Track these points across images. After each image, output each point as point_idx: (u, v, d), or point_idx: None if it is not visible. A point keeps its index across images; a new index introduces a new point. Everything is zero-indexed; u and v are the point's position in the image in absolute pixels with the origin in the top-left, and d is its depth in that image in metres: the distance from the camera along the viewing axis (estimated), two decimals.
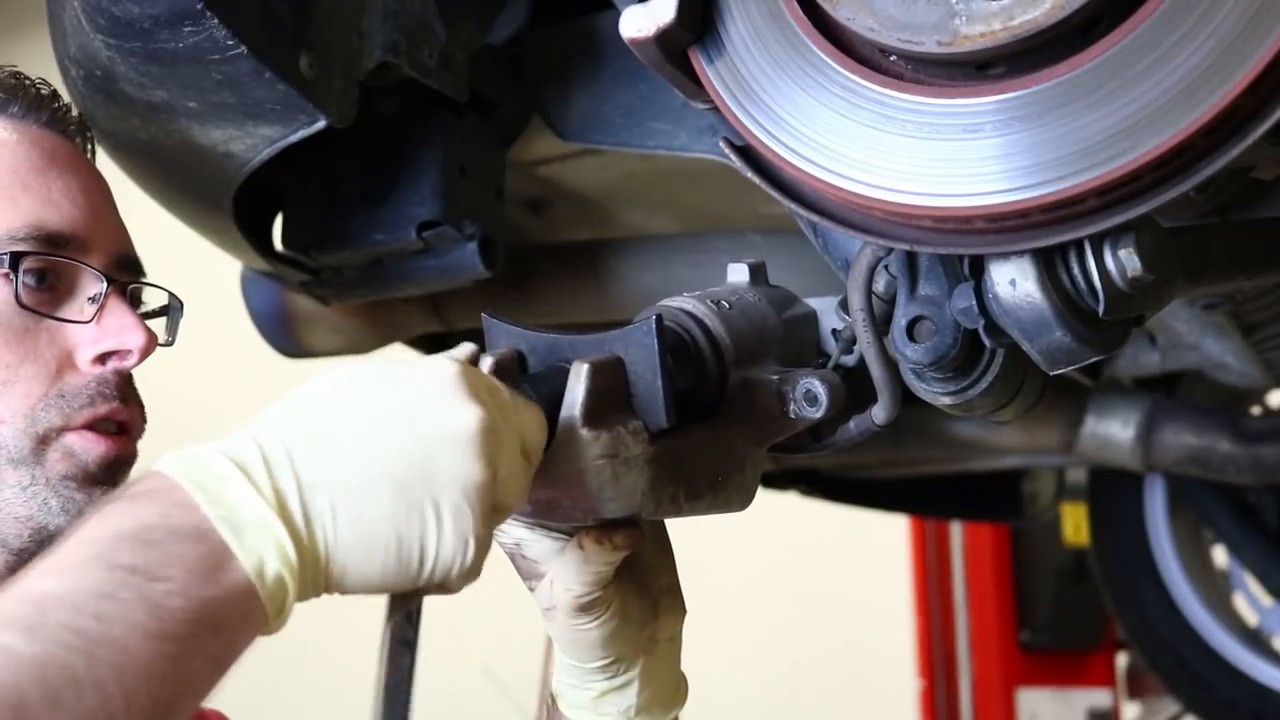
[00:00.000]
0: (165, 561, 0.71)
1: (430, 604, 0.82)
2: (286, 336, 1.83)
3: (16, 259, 1.08)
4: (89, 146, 1.20)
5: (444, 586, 0.80)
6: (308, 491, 0.74)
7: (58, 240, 1.10)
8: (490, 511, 0.79)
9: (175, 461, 0.75)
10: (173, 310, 1.21)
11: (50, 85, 1.18)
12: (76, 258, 1.11)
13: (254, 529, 0.72)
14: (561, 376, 0.88)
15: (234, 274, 1.81)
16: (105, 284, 1.11)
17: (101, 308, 1.11)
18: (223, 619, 0.72)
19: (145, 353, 1.12)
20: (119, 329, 1.11)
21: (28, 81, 1.17)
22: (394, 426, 0.77)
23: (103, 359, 1.11)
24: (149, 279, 1.18)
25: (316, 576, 0.75)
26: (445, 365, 0.81)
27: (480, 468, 0.77)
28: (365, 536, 0.75)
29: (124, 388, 1.11)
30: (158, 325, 1.17)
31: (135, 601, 0.69)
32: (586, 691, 1.05)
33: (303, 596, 0.75)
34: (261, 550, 0.72)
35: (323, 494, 0.74)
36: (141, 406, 1.14)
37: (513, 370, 0.90)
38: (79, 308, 1.11)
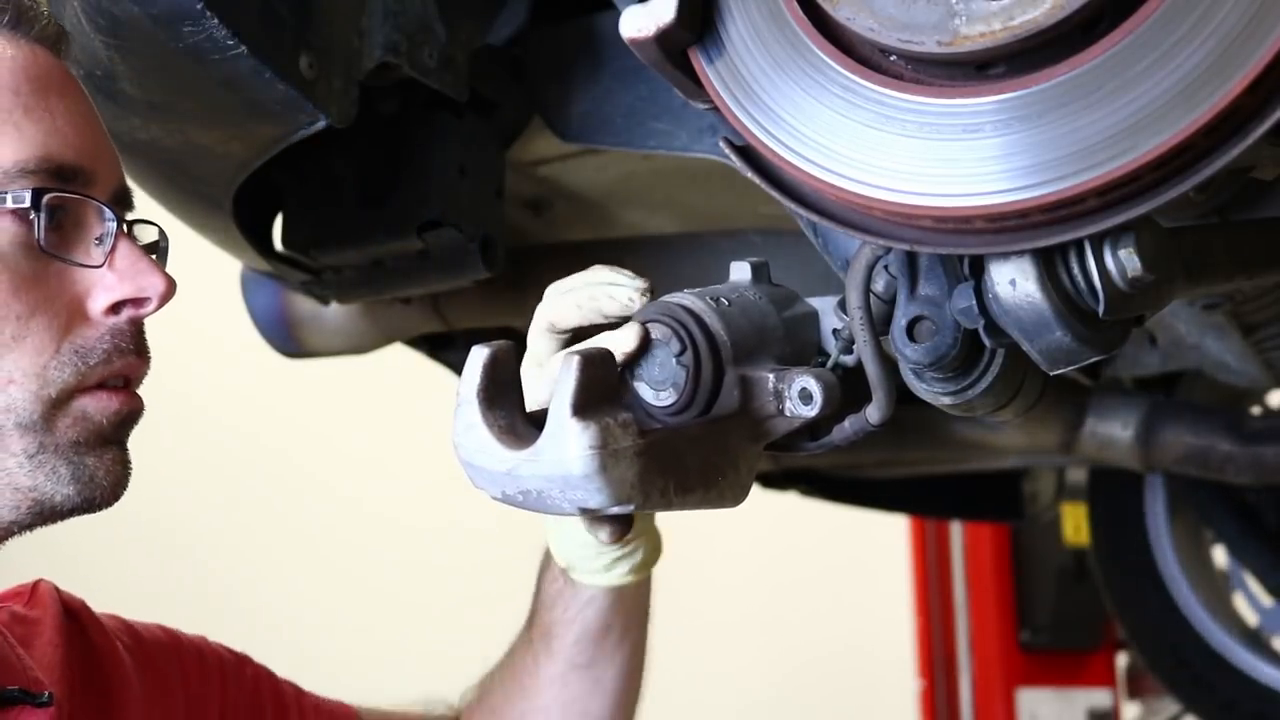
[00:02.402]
0: None
1: (430, 603, 0.82)
2: (286, 336, 1.83)
3: (38, 196, 0.97)
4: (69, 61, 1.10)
5: None
6: None
7: (67, 174, 1.00)
8: None
9: None
10: (162, 249, 1.12)
11: None
12: (85, 193, 1.02)
13: None
14: None
15: (234, 274, 1.81)
16: (114, 223, 1.03)
17: (113, 249, 1.02)
18: None
19: (164, 300, 1.03)
20: (135, 273, 1.02)
21: None
22: None
23: (116, 308, 1.02)
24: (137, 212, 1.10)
25: None
26: None
27: None
28: None
29: (138, 338, 1.04)
30: None
31: None
32: (600, 560, 1.16)
33: None
34: None
35: None
36: (149, 355, 1.06)
37: (509, 360, 0.92)
38: (86, 248, 1.02)
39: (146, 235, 1.10)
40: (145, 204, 1.45)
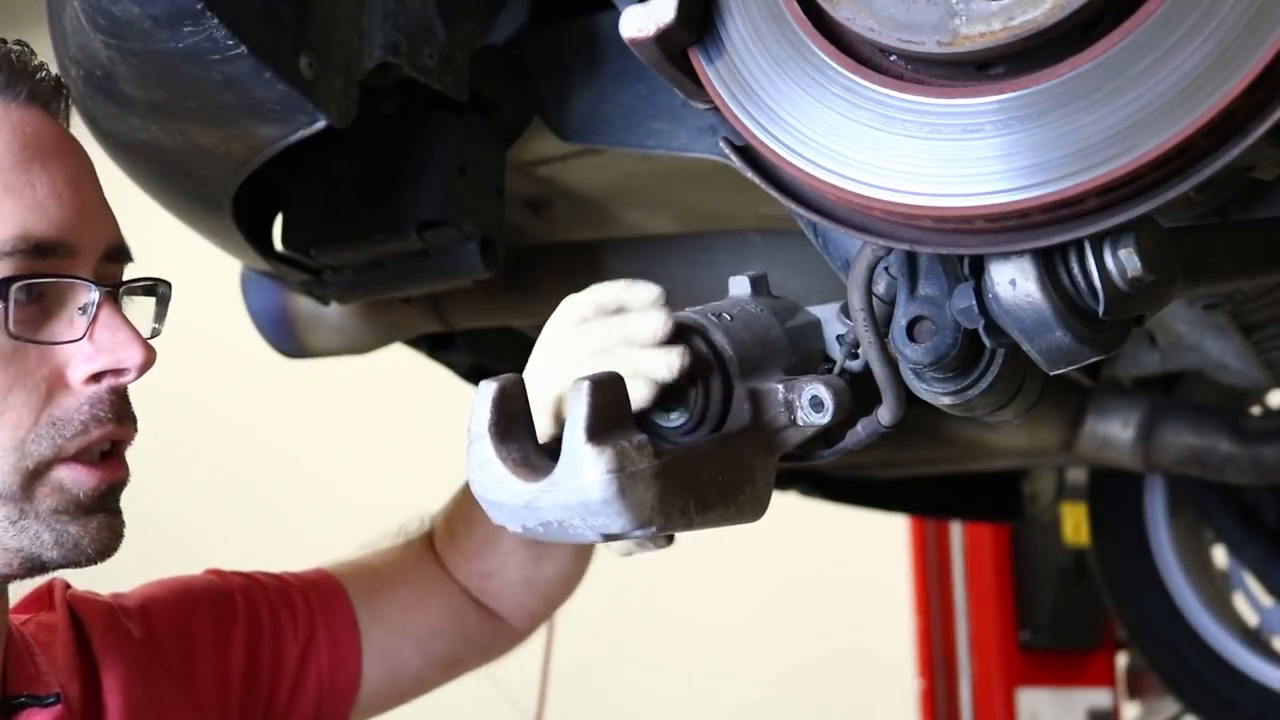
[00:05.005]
0: None
1: None
2: (286, 336, 1.83)
3: (6, 285, 0.99)
4: (66, 112, 1.10)
5: None
6: None
7: (45, 249, 1.02)
8: None
9: None
10: (161, 295, 1.14)
11: (25, 44, 1.08)
12: (64, 269, 1.03)
13: None
14: None
15: (234, 274, 1.81)
16: (96, 293, 1.04)
17: (94, 320, 1.04)
18: None
19: (143, 370, 1.05)
20: (113, 345, 1.04)
21: (3, 48, 1.05)
22: None
23: (96, 377, 1.04)
24: (135, 265, 1.11)
25: None
26: None
27: None
28: None
29: (119, 405, 1.06)
30: (146, 306, 1.10)
31: None
32: None
33: None
34: None
35: None
36: (135, 420, 1.08)
37: (518, 393, 0.91)
38: (69, 319, 1.04)
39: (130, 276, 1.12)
40: (147, 209, 1.45)
